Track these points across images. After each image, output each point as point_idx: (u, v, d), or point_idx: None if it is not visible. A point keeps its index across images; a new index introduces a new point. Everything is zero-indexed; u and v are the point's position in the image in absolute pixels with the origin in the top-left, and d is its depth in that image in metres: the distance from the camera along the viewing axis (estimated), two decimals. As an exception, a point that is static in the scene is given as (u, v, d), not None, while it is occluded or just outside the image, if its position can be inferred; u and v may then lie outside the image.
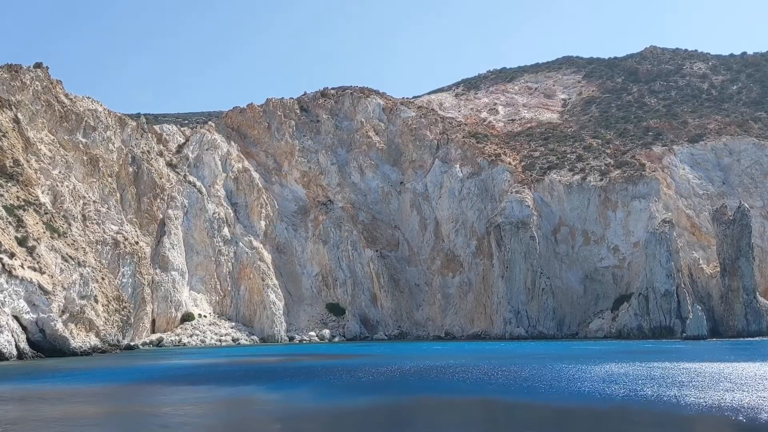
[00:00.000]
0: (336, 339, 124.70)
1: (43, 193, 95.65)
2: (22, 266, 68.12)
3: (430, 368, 52.30)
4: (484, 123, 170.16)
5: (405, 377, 45.67)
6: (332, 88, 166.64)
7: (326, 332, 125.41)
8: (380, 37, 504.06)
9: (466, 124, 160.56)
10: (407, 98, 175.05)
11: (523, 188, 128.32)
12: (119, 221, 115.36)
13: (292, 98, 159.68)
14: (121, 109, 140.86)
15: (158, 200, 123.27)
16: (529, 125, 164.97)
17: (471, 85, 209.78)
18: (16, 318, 66.89)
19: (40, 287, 68.96)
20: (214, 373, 50.88)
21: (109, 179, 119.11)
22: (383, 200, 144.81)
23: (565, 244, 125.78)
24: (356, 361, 65.80)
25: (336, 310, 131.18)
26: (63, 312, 75.82)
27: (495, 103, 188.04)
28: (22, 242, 72.33)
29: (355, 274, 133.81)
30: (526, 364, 55.59)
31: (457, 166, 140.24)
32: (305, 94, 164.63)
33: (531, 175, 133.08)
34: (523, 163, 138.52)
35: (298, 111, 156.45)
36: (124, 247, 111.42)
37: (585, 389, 37.16)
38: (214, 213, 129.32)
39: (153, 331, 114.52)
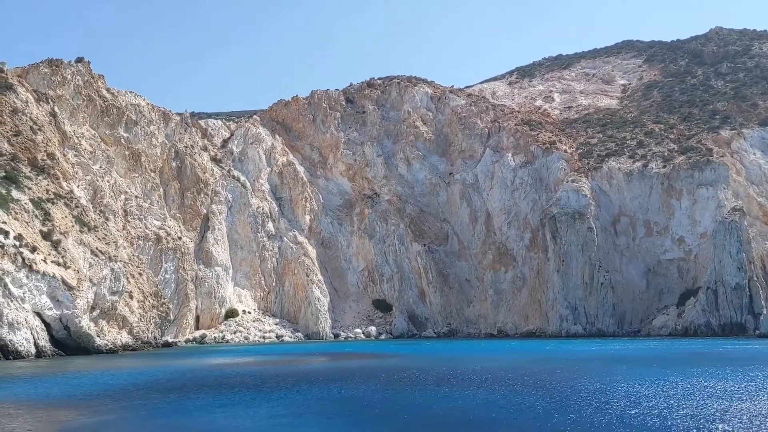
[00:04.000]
0: (382, 336, 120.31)
1: (79, 187, 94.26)
2: (44, 261, 65.89)
3: (486, 376, 46.83)
4: (539, 111, 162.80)
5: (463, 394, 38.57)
6: (379, 78, 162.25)
7: (372, 329, 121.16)
8: (430, 26, 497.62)
9: (518, 112, 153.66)
10: (457, 87, 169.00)
11: (580, 177, 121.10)
12: (162, 216, 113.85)
13: (338, 90, 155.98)
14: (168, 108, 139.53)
15: (202, 195, 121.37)
16: (586, 112, 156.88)
17: (525, 72, 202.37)
18: (38, 314, 64.69)
19: (64, 282, 66.63)
20: (212, 379, 46.27)
21: (152, 174, 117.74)
22: (431, 192, 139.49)
23: (626, 236, 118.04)
24: (401, 362, 60.95)
25: (382, 306, 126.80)
26: (93, 308, 73.56)
27: (550, 91, 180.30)
28: (46, 236, 70.26)
29: (402, 269, 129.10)
30: (604, 372, 44.24)
31: (509, 155, 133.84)
32: (351, 85, 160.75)
33: (588, 163, 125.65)
34: (579, 151, 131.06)
35: (343, 103, 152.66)
36: (167, 242, 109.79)
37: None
38: (258, 208, 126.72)
39: (197, 328, 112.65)
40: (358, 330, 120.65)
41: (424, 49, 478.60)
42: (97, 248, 78.84)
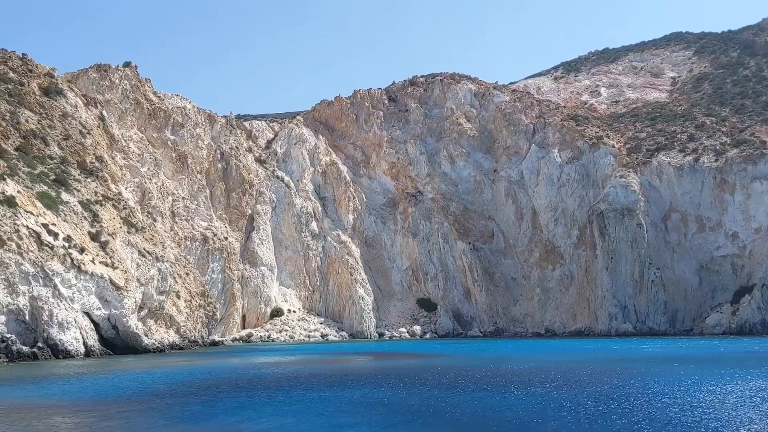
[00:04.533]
0: (427, 336, 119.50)
1: (127, 189, 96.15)
2: (93, 261, 67.18)
3: (534, 376, 45.72)
4: (585, 106, 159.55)
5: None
6: (421, 76, 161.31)
7: (417, 328, 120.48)
8: (473, 23, 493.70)
9: (564, 107, 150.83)
10: (501, 84, 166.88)
11: (629, 172, 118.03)
12: (208, 217, 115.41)
13: (380, 89, 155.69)
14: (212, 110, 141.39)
15: (247, 196, 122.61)
16: (634, 106, 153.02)
17: (571, 67, 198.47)
18: (87, 314, 65.98)
19: (112, 283, 67.83)
20: (256, 380, 46.20)
21: (199, 176, 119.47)
22: (475, 190, 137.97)
23: (677, 232, 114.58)
24: (446, 362, 60.18)
25: (427, 305, 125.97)
26: (141, 308, 74.81)
27: (597, 85, 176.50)
28: (95, 237, 71.66)
29: (447, 267, 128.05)
30: (661, 373, 41.37)
31: (556, 150, 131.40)
32: (393, 83, 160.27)
33: (637, 158, 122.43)
34: (627, 146, 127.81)
35: (386, 101, 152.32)
36: (213, 242, 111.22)
37: None
38: (302, 207, 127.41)
39: (244, 327, 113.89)
40: (402, 329, 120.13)
41: (467, 46, 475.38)
42: (144, 249, 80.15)
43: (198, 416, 26.71)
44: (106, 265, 69.14)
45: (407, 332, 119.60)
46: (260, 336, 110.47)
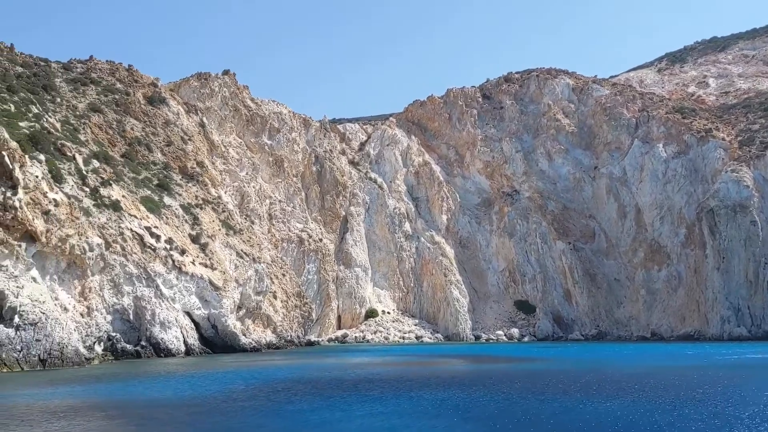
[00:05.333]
0: (526, 339, 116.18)
1: (227, 193, 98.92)
2: (193, 262, 69.22)
3: (645, 383, 42.76)
4: (692, 98, 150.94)
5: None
6: (516, 73, 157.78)
7: (515, 331, 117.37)
8: (570, 16, 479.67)
9: (669, 100, 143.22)
10: (601, 78, 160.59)
11: (741, 166, 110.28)
12: (304, 219, 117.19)
13: (474, 87, 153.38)
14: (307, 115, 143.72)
15: (341, 198, 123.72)
16: (746, 96, 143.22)
17: (676, 58, 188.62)
18: (188, 314, 67.97)
19: (211, 283, 69.66)
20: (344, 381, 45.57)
21: (294, 179, 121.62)
22: (575, 187, 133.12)
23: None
24: (545, 366, 57.79)
25: (525, 307, 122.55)
26: (239, 308, 76.51)
27: (704, 76, 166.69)
28: (195, 239, 73.89)
29: (546, 268, 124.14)
30: None
31: (660, 145, 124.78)
32: (488, 81, 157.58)
33: (749, 151, 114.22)
34: (739, 138, 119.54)
35: (480, 99, 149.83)
36: (309, 244, 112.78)
37: None
38: (394, 208, 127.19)
39: (339, 327, 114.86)
40: (499, 332, 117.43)
41: (564, 40, 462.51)
42: (242, 250, 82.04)
43: (299, 413, 26.37)
44: (206, 266, 71.10)
45: (504, 335, 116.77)
46: (355, 337, 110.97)
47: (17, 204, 52.46)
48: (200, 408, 27.97)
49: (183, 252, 69.12)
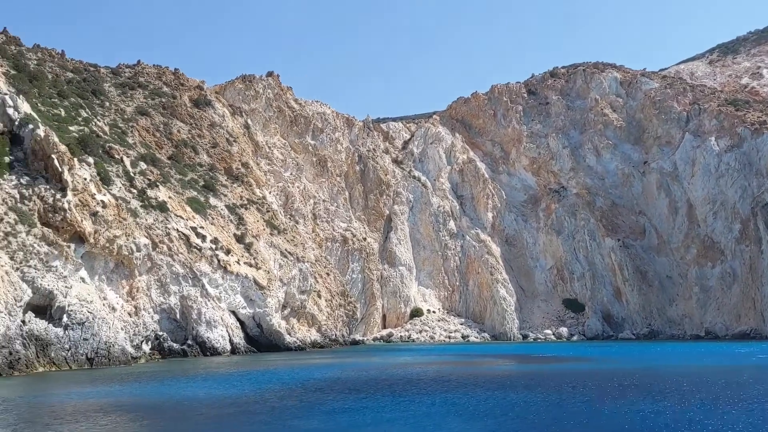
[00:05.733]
0: (575, 338, 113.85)
1: (271, 193, 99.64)
2: (238, 262, 69.81)
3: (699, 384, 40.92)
4: (745, 89, 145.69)
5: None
6: (562, 67, 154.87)
7: (563, 330, 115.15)
8: (616, 7, 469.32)
9: (721, 92, 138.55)
10: (650, 71, 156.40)
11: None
12: (348, 219, 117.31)
13: (519, 82, 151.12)
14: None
15: (384, 197, 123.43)
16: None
17: (728, 49, 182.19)
18: (233, 313, 68.55)
19: (256, 282, 70.13)
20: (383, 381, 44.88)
21: (338, 179, 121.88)
22: (624, 183, 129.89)
23: None
24: (595, 366, 56.21)
25: (574, 306, 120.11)
26: (284, 307, 76.89)
27: (758, 67, 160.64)
28: (240, 239, 74.54)
29: (594, 266, 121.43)
30: None
31: (712, 138, 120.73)
32: (533, 76, 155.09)
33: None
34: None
35: (525, 95, 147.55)
36: (353, 243, 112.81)
37: None
38: (439, 207, 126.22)
39: (384, 327, 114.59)
40: (547, 331, 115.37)
41: (610, 33, 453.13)
42: (286, 250, 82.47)
43: (329, 414, 26.03)
44: (251, 265, 71.62)
45: (553, 334, 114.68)
46: (400, 336, 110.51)
47: (66, 206, 53.60)
48: (229, 408, 27.79)
49: (228, 252, 69.75)
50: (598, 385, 36.67)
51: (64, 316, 47.35)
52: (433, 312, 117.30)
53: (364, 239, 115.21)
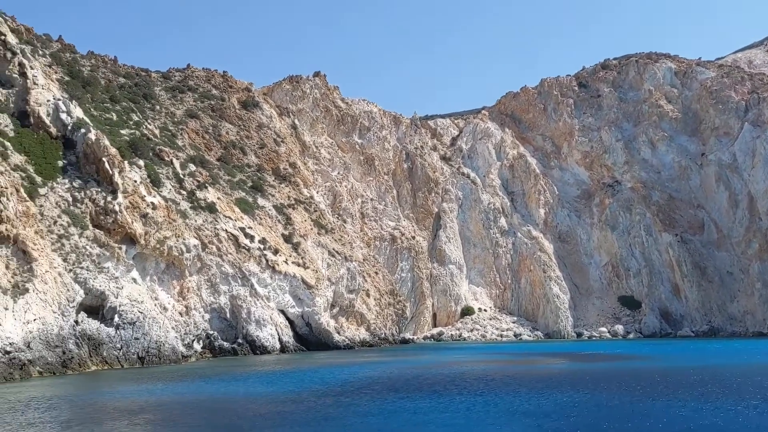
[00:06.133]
0: (631, 336, 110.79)
1: (319, 193, 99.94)
2: (286, 262, 70.13)
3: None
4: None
5: None
6: (614, 59, 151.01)
7: (619, 328, 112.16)
8: None
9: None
10: (705, 60, 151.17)
11: None
12: (396, 217, 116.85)
13: (569, 75, 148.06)
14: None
15: (433, 194, 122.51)
16: None
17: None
18: (282, 312, 68.88)
19: (304, 282, 70.34)
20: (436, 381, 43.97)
21: (385, 177, 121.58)
22: (681, 176, 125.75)
23: None
24: (651, 365, 54.34)
25: (630, 303, 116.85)
26: (333, 306, 76.94)
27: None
28: (287, 239, 74.88)
29: (651, 262, 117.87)
30: None
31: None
32: (583, 68, 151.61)
33: None
34: None
35: (576, 88, 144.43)
36: (401, 242, 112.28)
37: None
38: (489, 203, 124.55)
39: (435, 325, 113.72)
40: (603, 329, 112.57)
41: (663, 22, 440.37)
42: (334, 249, 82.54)
43: (362, 416, 25.50)
44: (298, 265, 71.88)
45: (608, 332, 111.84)
46: (451, 335, 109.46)
47: (117, 208, 54.63)
48: (265, 407, 27.53)
49: (276, 251, 70.12)
50: (652, 383, 35.18)
51: (116, 316, 48.23)
52: (485, 310, 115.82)
53: (413, 237, 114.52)
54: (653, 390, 32.53)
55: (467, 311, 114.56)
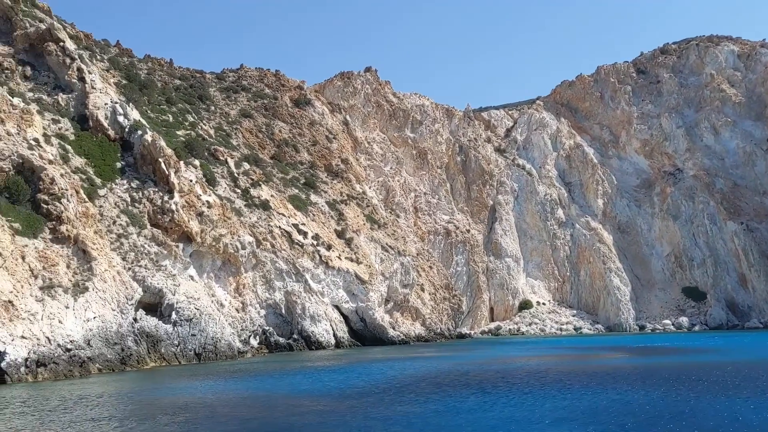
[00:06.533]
0: (696, 328, 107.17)
1: (371, 188, 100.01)
2: (339, 257, 70.36)
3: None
4: None
5: None
6: (673, 43, 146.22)
7: (684, 320, 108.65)
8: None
9: None
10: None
11: None
12: (450, 211, 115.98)
13: (626, 62, 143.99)
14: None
15: (487, 187, 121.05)
16: None
17: None
18: (336, 307, 69.14)
19: (357, 277, 70.43)
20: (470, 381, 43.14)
21: (439, 170, 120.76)
22: (746, 163, 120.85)
23: None
24: (719, 358, 52.18)
25: (694, 294, 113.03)
26: (387, 301, 76.88)
27: None
28: (340, 234, 75.12)
29: (716, 252, 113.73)
30: None
31: None
32: (641, 54, 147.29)
33: None
34: None
35: (634, 74, 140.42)
36: (456, 235, 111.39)
37: None
38: (545, 195, 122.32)
39: (492, 320, 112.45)
40: (666, 321, 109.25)
41: (724, 3, 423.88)
42: (387, 244, 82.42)
43: (402, 416, 25.14)
44: (352, 260, 72.05)
45: (672, 324, 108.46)
46: (509, 329, 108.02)
47: (173, 207, 55.72)
48: (304, 405, 27.35)
49: (329, 247, 70.44)
50: (721, 378, 33.72)
51: (173, 313, 49.19)
52: (543, 304, 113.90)
53: (468, 231, 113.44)
54: (735, 384, 31.12)
55: (525, 305, 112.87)
